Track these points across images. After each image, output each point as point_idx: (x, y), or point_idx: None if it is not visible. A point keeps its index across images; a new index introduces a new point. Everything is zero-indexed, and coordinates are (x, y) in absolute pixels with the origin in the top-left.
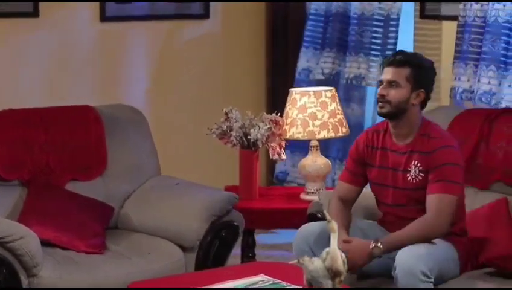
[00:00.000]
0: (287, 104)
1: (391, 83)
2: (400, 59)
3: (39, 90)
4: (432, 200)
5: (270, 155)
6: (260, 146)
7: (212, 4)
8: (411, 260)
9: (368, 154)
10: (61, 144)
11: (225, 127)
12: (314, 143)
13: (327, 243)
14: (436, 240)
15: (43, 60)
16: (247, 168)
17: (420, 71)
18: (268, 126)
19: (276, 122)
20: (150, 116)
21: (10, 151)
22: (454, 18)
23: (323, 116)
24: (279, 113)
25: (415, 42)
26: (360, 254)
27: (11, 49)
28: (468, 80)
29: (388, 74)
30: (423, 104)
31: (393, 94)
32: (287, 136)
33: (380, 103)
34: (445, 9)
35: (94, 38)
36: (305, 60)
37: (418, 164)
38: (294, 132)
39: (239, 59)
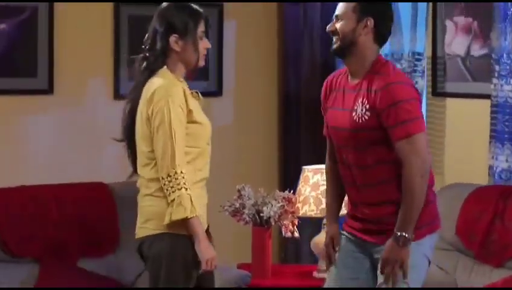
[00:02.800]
0: (299, 182)
1: (337, 17)
2: None
3: (52, 167)
4: (401, 147)
5: (283, 233)
6: (273, 224)
7: (225, 82)
8: None
9: (327, 98)
10: (73, 221)
11: (238, 204)
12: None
13: None
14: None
15: (57, 137)
16: (259, 245)
17: (367, 1)
18: (281, 204)
19: (289, 200)
20: None
21: (22, 228)
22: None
23: None
24: (291, 191)
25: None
26: (396, 253)
27: (25, 126)
28: (507, 161)
29: (337, 10)
30: (378, 39)
31: (339, 26)
32: (300, 214)
33: (333, 39)
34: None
35: (108, 116)
36: None
37: (365, 101)
38: (307, 210)
39: (251, 136)
